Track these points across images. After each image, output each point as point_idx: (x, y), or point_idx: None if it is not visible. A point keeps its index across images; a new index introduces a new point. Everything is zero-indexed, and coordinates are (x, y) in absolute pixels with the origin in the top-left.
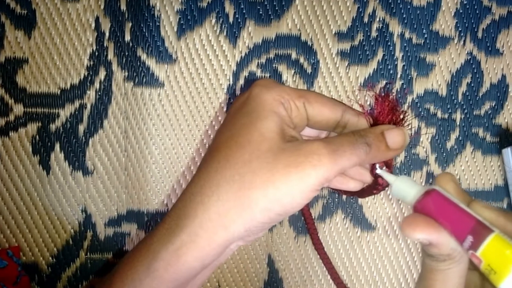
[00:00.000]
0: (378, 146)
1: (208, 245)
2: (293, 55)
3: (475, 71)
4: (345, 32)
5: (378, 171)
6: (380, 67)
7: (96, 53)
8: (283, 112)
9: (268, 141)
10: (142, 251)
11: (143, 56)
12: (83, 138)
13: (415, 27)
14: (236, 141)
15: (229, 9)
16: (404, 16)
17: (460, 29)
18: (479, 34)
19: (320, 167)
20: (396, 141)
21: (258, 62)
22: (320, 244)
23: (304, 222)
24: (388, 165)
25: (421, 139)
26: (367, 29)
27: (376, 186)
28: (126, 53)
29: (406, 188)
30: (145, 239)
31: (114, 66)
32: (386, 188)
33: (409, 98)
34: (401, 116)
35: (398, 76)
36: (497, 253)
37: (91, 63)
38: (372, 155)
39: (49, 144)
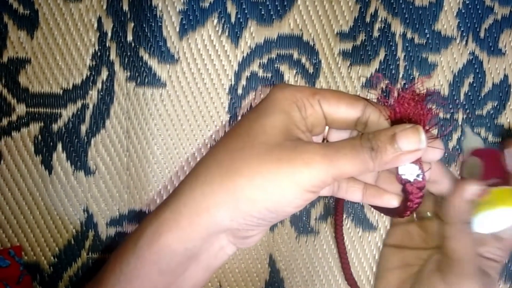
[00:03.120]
0: (386, 149)
1: (189, 225)
2: (295, 55)
3: (477, 71)
4: (347, 32)
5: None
6: (382, 67)
7: (99, 53)
8: (295, 113)
9: (267, 135)
10: (134, 231)
11: (145, 56)
12: (85, 138)
13: (417, 27)
14: (238, 132)
15: (231, 9)
16: (406, 16)
17: (462, 29)
18: (481, 34)
19: (313, 166)
20: (409, 143)
21: (260, 62)
22: (341, 236)
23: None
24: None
25: None
26: (369, 29)
27: (406, 198)
28: (128, 53)
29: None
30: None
31: (116, 66)
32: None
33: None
34: (426, 113)
35: (400, 76)
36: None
37: (93, 63)
38: (381, 161)
39: (51, 144)
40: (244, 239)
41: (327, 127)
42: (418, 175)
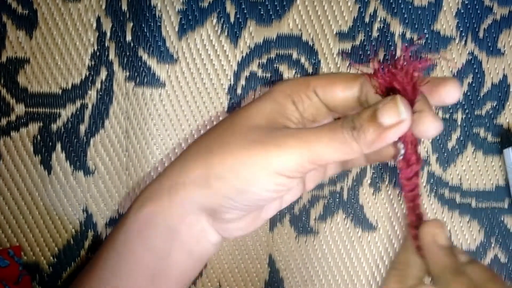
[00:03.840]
0: (368, 126)
1: (168, 200)
2: (294, 55)
3: (476, 71)
4: (346, 32)
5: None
6: (381, 67)
7: (98, 53)
8: (288, 105)
9: (250, 118)
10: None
11: (144, 56)
12: (84, 138)
13: (416, 27)
14: (226, 117)
15: (230, 9)
16: (405, 16)
17: (461, 29)
18: (481, 34)
19: (285, 149)
20: (389, 117)
21: (259, 62)
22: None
23: (305, 222)
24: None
25: (422, 139)
26: (368, 29)
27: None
28: (127, 53)
29: None
30: None
31: (115, 66)
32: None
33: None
34: (410, 81)
35: None
36: None
37: (92, 63)
38: (365, 140)
39: (50, 144)
40: (223, 224)
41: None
42: (401, 154)
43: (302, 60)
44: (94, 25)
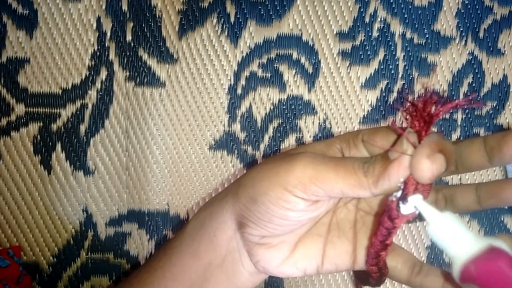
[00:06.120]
0: (378, 162)
1: (216, 204)
2: (294, 55)
3: (476, 71)
4: (346, 32)
5: (411, 200)
6: (382, 67)
7: (98, 53)
8: (334, 146)
9: (304, 148)
10: None
11: (145, 56)
12: (84, 138)
13: (416, 27)
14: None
15: (230, 9)
16: (406, 16)
17: (461, 29)
18: (481, 34)
19: (294, 165)
20: (395, 151)
21: (259, 62)
22: None
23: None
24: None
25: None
26: (368, 29)
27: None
28: (128, 53)
29: (457, 235)
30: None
31: (116, 66)
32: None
33: (410, 99)
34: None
35: (399, 76)
36: None
37: (93, 63)
38: (372, 174)
39: (50, 144)
40: (249, 243)
41: None
42: (394, 195)
43: (302, 60)
44: (94, 25)
